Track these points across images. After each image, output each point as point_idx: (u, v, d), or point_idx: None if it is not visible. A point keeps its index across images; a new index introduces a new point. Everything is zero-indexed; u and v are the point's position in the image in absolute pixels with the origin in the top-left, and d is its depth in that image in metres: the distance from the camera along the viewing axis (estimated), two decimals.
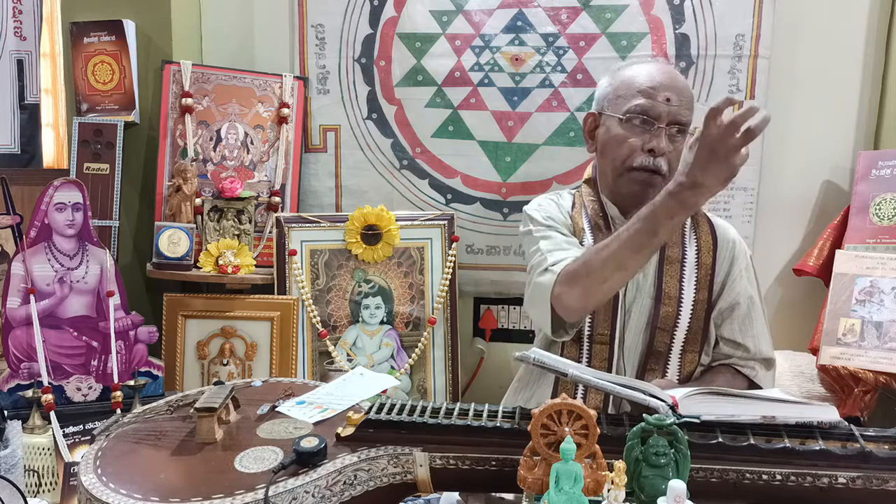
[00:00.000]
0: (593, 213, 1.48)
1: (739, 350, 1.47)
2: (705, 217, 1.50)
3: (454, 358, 1.96)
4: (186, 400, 1.24)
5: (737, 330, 1.46)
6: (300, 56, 2.03)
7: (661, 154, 1.37)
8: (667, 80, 1.39)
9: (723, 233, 1.49)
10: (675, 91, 1.38)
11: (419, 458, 1.04)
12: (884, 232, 1.77)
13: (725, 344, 1.48)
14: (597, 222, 1.46)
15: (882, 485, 0.96)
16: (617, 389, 1.06)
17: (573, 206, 1.52)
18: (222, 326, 1.86)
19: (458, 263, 1.98)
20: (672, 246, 1.44)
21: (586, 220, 1.47)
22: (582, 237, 1.45)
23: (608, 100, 1.45)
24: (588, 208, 1.49)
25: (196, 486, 0.96)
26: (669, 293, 1.42)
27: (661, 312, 1.41)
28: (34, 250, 1.61)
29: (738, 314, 1.46)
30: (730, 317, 1.46)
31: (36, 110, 2.08)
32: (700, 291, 1.43)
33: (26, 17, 2.06)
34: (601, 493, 0.89)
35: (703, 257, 1.44)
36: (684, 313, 1.42)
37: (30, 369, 1.61)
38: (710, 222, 1.49)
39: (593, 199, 1.50)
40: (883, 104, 1.93)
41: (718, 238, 1.46)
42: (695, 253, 1.44)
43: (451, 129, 2.01)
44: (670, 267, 1.43)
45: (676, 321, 1.42)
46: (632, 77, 1.41)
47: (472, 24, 1.95)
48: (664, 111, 1.37)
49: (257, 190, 1.97)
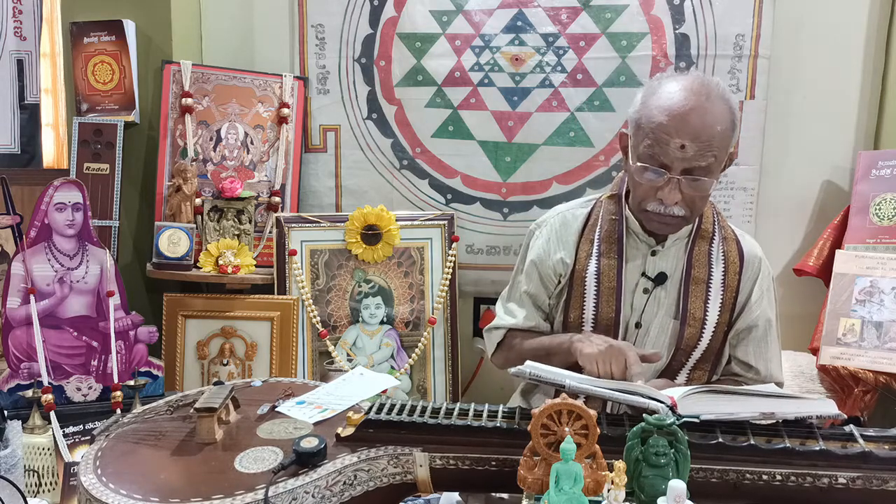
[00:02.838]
0: (608, 231, 1.44)
1: (751, 372, 1.46)
2: (734, 236, 1.45)
3: (454, 358, 1.96)
4: (186, 400, 1.24)
5: (751, 353, 1.45)
6: (300, 56, 2.03)
7: (672, 203, 1.30)
8: (688, 121, 1.25)
9: (749, 251, 1.45)
10: (692, 134, 1.24)
11: (419, 458, 1.04)
12: (884, 232, 1.77)
13: (738, 364, 1.47)
14: (610, 239, 1.43)
15: (882, 485, 0.96)
16: (616, 395, 1.06)
17: (586, 222, 1.48)
18: (222, 326, 1.86)
19: (458, 263, 1.98)
20: (698, 266, 1.41)
21: (598, 236, 1.44)
22: (587, 262, 1.43)
23: (633, 126, 1.36)
24: (604, 227, 1.44)
25: (196, 487, 0.96)
26: (694, 314, 1.40)
27: (685, 333, 1.40)
28: (34, 250, 1.61)
29: (755, 336, 1.45)
30: (746, 338, 1.45)
31: (36, 110, 2.08)
32: (723, 314, 1.41)
33: (26, 17, 2.06)
34: (601, 493, 0.89)
35: (729, 279, 1.42)
36: (706, 335, 1.40)
37: (30, 369, 1.61)
38: (739, 243, 1.45)
39: (614, 216, 1.44)
40: (883, 104, 1.93)
41: (745, 257, 1.44)
42: (721, 274, 1.41)
43: (451, 129, 2.00)
44: (696, 287, 1.41)
45: (698, 342, 1.41)
46: (655, 108, 1.29)
47: (472, 24, 1.95)
48: (676, 159, 1.26)
49: (257, 190, 1.97)
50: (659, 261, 1.43)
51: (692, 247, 1.42)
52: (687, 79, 1.31)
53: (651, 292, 1.42)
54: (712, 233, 1.43)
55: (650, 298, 1.42)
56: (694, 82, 1.30)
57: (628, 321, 1.43)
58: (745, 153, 1.94)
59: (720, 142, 1.27)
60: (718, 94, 1.29)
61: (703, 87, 1.28)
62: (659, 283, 1.42)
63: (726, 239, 1.44)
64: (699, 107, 1.26)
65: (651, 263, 1.43)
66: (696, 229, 1.42)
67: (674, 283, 1.42)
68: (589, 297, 1.43)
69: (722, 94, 1.30)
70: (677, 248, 1.43)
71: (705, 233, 1.43)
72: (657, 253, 1.43)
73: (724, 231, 1.45)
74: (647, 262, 1.43)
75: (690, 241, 1.42)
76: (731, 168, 1.91)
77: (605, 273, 1.42)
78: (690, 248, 1.42)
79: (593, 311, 1.43)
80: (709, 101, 1.27)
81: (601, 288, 1.42)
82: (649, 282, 1.42)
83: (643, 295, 1.43)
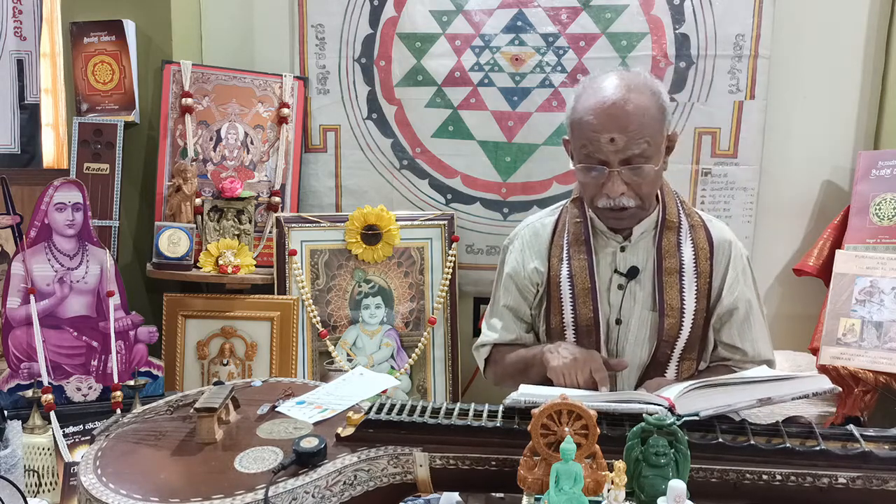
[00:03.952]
0: (575, 234, 1.46)
1: (738, 354, 1.46)
2: (701, 222, 1.46)
3: (454, 358, 1.96)
4: (186, 400, 1.24)
5: (735, 335, 1.45)
6: (300, 56, 2.03)
7: (618, 195, 1.33)
8: (611, 114, 1.29)
9: (718, 235, 1.45)
10: (619, 127, 1.28)
11: (419, 458, 1.04)
12: (884, 232, 1.77)
13: (724, 348, 1.47)
14: (577, 241, 1.45)
15: (882, 485, 0.95)
16: (612, 406, 1.06)
17: (555, 228, 1.51)
18: (222, 326, 1.86)
19: (458, 263, 1.98)
20: (669, 257, 1.42)
21: (567, 240, 1.47)
22: (559, 267, 1.46)
23: (569, 130, 1.41)
24: (571, 230, 1.47)
25: (196, 487, 0.96)
26: (672, 304, 1.41)
27: (665, 325, 1.40)
28: (34, 250, 1.61)
29: (737, 318, 1.45)
30: (728, 321, 1.45)
31: (36, 110, 2.08)
32: (700, 301, 1.42)
33: (26, 17, 2.06)
34: (601, 493, 0.89)
35: (701, 264, 1.42)
36: (686, 324, 1.41)
37: (30, 369, 1.61)
38: (707, 229, 1.46)
39: (578, 219, 1.47)
40: (883, 104, 1.93)
41: (714, 241, 1.44)
42: (692, 260, 1.42)
43: (451, 129, 2.01)
44: (669, 278, 1.41)
45: (679, 332, 1.41)
46: (582, 109, 1.34)
47: (472, 24, 1.95)
48: (610, 152, 1.30)
49: (257, 190, 1.97)
50: (629, 255, 1.44)
51: (660, 238, 1.43)
52: (608, 77, 1.35)
53: (626, 287, 1.43)
54: (678, 222, 1.44)
55: (626, 294, 1.43)
56: (614, 78, 1.34)
57: (608, 319, 1.43)
58: (745, 153, 1.94)
59: (650, 128, 1.30)
60: (639, 83, 1.33)
61: (622, 81, 1.33)
62: (632, 278, 1.43)
63: (693, 226, 1.45)
64: (620, 99, 1.30)
65: (621, 259, 1.44)
66: (661, 221, 1.43)
67: (647, 277, 1.43)
68: (566, 300, 1.44)
69: (643, 82, 1.34)
70: (646, 242, 1.44)
71: (671, 223, 1.43)
72: (626, 248, 1.44)
73: (690, 219, 1.46)
74: (616, 258, 1.44)
75: (658, 233, 1.43)
76: (730, 168, 1.95)
77: (578, 274, 1.44)
78: (658, 239, 1.43)
79: (572, 314, 1.44)
80: (630, 91, 1.31)
81: (576, 290, 1.43)
82: (622, 277, 1.43)
83: (618, 291, 1.44)
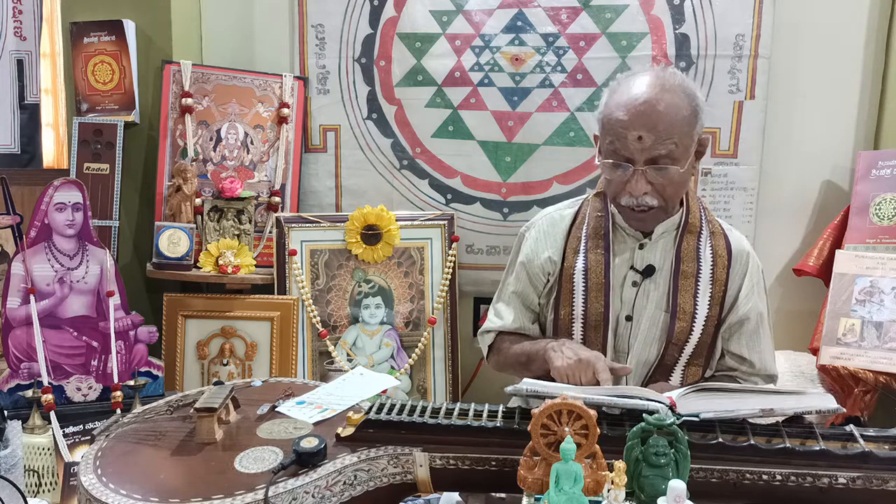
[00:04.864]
0: (595, 228, 1.46)
1: (744, 365, 1.47)
2: (721, 231, 1.47)
3: (454, 358, 1.96)
4: (186, 400, 1.24)
5: (744, 345, 1.46)
6: (300, 56, 2.03)
7: (641, 194, 1.32)
8: (642, 112, 1.28)
9: (737, 245, 1.46)
10: (647, 125, 1.27)
11: (419, 458, 1.04)
12: (884, 232, 1.77)
13: (731, 358, 1.48)
14: (597, 235, 1.45)
15: (882, 485, 0.95)
16: (614, 401, 1.06)
17: (574, 220, 1.50)
18: (222, 326, 1.86)
19: (458, 263, 1.98)
20: (687, 260, 1.42)
21: (585, 233, 1.46)
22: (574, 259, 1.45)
23: (599, 126, 1.40)
24: (590, 224, 1.46)
25: (196, 487, 0.96)
26: (684, 308, 1.41)
27: (675, 327, 1.40)
28: (34, 250, 1.61)
29: (747, 329, 1.45)
30: (738, 331, 1.46)
31: (36, 110, 2.08)
32: (713, 308, 1.42)
33: (26, 17, 2.06)
34: (601, 493, 0.89)
35: (718, 273, 1.42)
36: (696, 329, 1.41)
37: (30, 369, 1.61)
38: (727, 237, 1.46)
39: (600, 213, 1.46)
40: (883, 104, 1.93)
41: (733, 251, 1.44)
42: (710, 267, 1.42)
43: (451, 129, 2.00)
44: (685, 281, 1.41)
45: (689, 336, 1.41)
46: (614, 106, 1.33)
47: (472, 24, 1.95)
48: (637, 150, 1.29)
49: (257, 190, 1.97)
50: (647, 254, 1.43)
51: (680, 241, 1.42)
52: (644, 75, 1.34)
53: (640, 285, 1.43)
54: (700, 227, 1.44)
55: (639, 291, 1.43)
56: (649, 76, 1.33)
57: (618, 315, 1.43)
58: (745, 153, 1.94)
59: (679, 129, 1.29)
60: (674, 83, 1.32)
61: (657, 80, 1.32)
62: (647, 276, 1.42)
63: (714, 233, 1.45)
64: (653, 98, 1.29)
65: (639, 256, 1.44)
66: (683, 224, 1.43)
67: (663, 277, 1.43)
68: (578, 293, 1.44)
69: (679, 83, 1.33)
70: (665, 242, 1.44)
71: (693, 227, 1.43)
72: (644, 246, 1.44)
73: (711, 226, 1.46)
74: (634, 255, 1.44)
75: (678, 235, 1.43)
76: (731, 168, 1.95)
77: (593, 269, 1.43)
78: (679, 242, 1.42)
79: (582, 308, 1.43)
80: (663, 91, 1.30)
81: (589, 284, 1.43)
82: (637, 274, 1.43)
83: (632, 288, 1.43)
